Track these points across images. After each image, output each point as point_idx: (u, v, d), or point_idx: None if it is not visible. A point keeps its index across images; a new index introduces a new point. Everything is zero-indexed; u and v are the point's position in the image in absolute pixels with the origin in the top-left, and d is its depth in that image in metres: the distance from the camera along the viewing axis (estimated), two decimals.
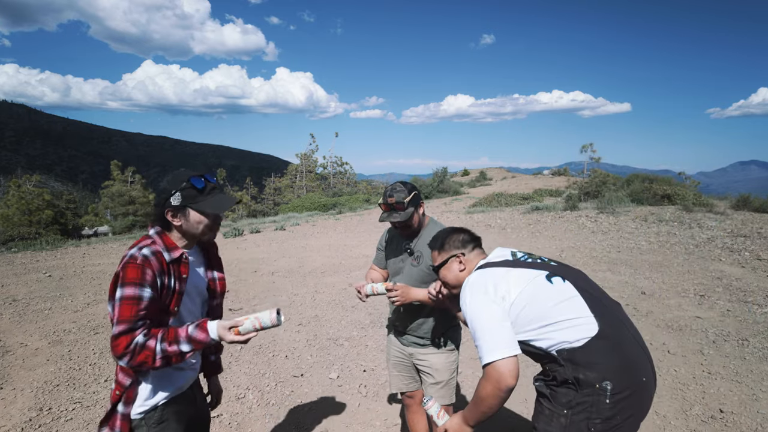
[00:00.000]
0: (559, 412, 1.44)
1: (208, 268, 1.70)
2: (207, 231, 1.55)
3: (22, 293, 6.10)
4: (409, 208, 2.05)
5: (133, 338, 1.35)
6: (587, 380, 1.39)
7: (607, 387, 1.36)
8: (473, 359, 3.94)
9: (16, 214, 23.54)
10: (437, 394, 2.18)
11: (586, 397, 1.39)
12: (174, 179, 1.51)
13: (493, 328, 1.45)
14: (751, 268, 6.30)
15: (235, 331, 1.44)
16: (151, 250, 1.43)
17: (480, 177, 33.24)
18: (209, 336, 1.42)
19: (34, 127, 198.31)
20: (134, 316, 1.36)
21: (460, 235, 1.80)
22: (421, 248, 2.13)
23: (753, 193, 10.91)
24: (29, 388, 3.52)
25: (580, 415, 1.40)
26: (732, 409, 3.04)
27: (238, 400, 3.36)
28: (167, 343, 1.39)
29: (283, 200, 34.20)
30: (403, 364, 2.30)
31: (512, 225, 10.84)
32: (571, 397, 1.42)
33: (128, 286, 1.37)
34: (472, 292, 1.55)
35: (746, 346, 3.98)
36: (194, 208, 1.50)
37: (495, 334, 1.43)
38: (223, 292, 1.74)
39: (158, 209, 1.50)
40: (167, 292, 1.45)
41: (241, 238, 11.21)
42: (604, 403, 1.37)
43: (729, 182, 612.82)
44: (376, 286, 2.06)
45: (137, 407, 1.48)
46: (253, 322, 1.45)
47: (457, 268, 1.74)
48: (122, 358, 1.36)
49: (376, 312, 5.24)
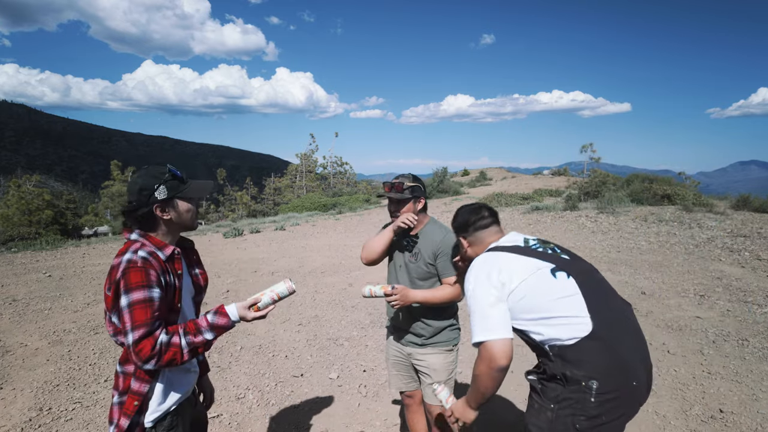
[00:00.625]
0: (547, 406, 1.46)
1: (189, 265, 1.69)
2: (194, 217, 1.55)
3: (22, 293, 6.10)
4: (407, 192, 2.11)
5: (156, 339, 1.34)
6: (574, 377, 1.40)
7: (593, 386, 1.37)
8: (473, 359, 3.94)
9: (16, 214, 23.53)
10: (432, 396, 2.18)
11: (572, 394, 1.40)
12: (151, 175, 1.47)
13: (488, 310, 1.48)
14: (751, 268, 6.30)
15: (255, 308, 1.47)
16: (147, 252, 1.41)
17: (480, 177, 33.24)
18: (231, 320, 1.44)
19: (34, 127, 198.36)
20: (151, 318, 1.34)
21: (466, 217, 1.82)
22: (421, 245, 2.16)
23: (753, 193, 10.91)
24: (29, 388, 3.52)
25: (566, 410, 1.41)
26: (732, 409, 3.04)
27: (238, 400, 3.36)
28: (192, 335, 1.39)
29: (283, 200, 34.21)
30: (402, 363, 2.31)
31: (512, 225, 10.84)
32: (559, 392, 1.43)
33: (136, 290, 1.34)
34: (475, 273, 1.58)
35: (746, 346, 3.98)
36: (180, 197, 1.48)
37: (490, 316, 1.47)
38: (206, 286, 1.74)
39: (144, 208, 1.45)
40: (170, 290, 1.45)
41: (241, 238, 11.21)
42: (590, 401, 1.37)
43: (729, 182, 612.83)
44: (374, 289, 2.07)
45: (150, 415, 1.45)
46: (271, 295, 1.48)
47: (463, 246, 1.82)
48: (149, 362, 1.33)
49: (376, 312, 5.24)
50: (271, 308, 1.50)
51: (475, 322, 1.50)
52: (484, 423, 3.03)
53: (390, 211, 2.19)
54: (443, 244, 2.12)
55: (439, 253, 2.12)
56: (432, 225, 2.21)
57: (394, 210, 2.16)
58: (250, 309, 1.47)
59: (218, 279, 6.91)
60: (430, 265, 2.14)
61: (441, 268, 2.13)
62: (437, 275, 2.16)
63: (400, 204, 2.13)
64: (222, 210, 36.75)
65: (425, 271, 2.14)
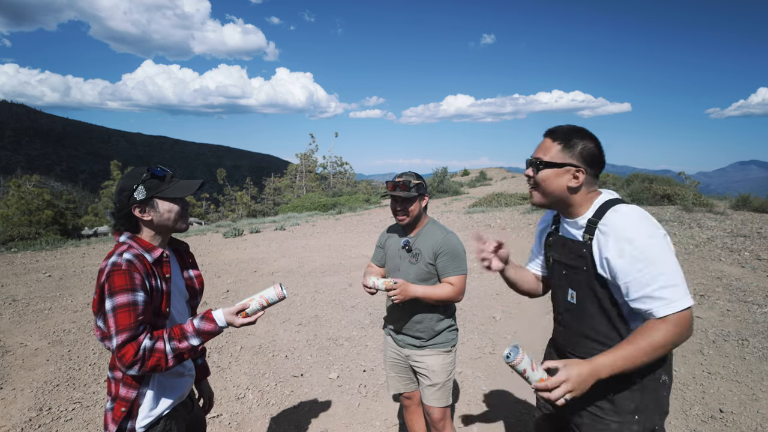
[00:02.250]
0: (630, 420, 1.32)
1: (183, 268, 1.66)
2: (178, 219, 1.50)
3: (22, 293, 6.09)
4: (413, 190, 2.08)
5: (140, 344, 1.31)
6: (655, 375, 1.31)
7: (666, 380, 1.33)
8: (473, 359, 3.94)
9: (16, 214, 23.51)
10: (433, 396, 2.17)
11: (653, 394, 1.32)
12: (131, 176, 1.45)
13: (680, 272, 1.23)
14: (751, 268, 6.30)
15: (243, 315, 1.44)
16: (133, 254, 1.38)
17: (480, 177, 33.26)
18: (217, 325, 1.41)
19: (33, 127, 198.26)
20: (134, 322, 1.31)
21: (593, 146, 1.40)
22: (420, 246, 2.14)
23: (753, 193, 10.90)
24: (29, 388, 3.52)
25: (651, 418, 1.32)
26: (732, 409, 3.04)
27: (238, 400, 3.36)
28: (176, 341, 1.36)
29: (283, 200, 34.19)
30: (400, 365, 2.30)
31: (512, 225, 10.84)
32: (638, 400, 1.32)
33: (119, 294, 1.31)
34: (649, 226, 1.27)
35: (746, 346, 3.98)
36: (160, 197, 1.45)
37: (683, 279, 1.23)
38: (201, 290, 1.72)
39: (123, 210, 1.44)
40: (157, 294, 1.42)
41: (241, 238, 11.20)
42: (665, 397, 1.33)
43: (729, 182, 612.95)
44: (377, 282, 2.05)
45: (141, 420, 1.43)
46: (260, 301, 1.44)
47: (566, 182, 1.40)
48: (132, 367, 1.31)
49: (376, 312, 5.24)
50: (260, 314, 1.47)
51: (672, 282, 1.21)
52: (484, 422, 3.03)
53: (394, 210, 2.15)
54: (444, 243, 2.10)
55: (440, 252, 2.10)
56: (432, 225, 2.20)
57: (400, 209, 2.12)
58: (238, 315, 1.43)
59: (218, 279, 6.91)
60: (431, 265, 2.12)
61: (441, 267, 2.11)
62: (437, 275, 2.14)
63: (406, 202, 2.10)
64: (222, 210, 36.73)
65: (425, 271, 2.12)
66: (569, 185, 1.39)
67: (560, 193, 1.42)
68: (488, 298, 5.68)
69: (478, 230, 5.92)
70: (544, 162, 1.42)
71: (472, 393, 3.42)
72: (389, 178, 2.20)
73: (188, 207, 1.54)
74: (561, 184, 1.41)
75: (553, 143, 1.42)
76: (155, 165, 1.50)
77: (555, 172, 1.41)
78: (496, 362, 3.89)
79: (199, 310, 1.71)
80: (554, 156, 1.41)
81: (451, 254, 2.10)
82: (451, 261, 2.09)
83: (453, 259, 2.10)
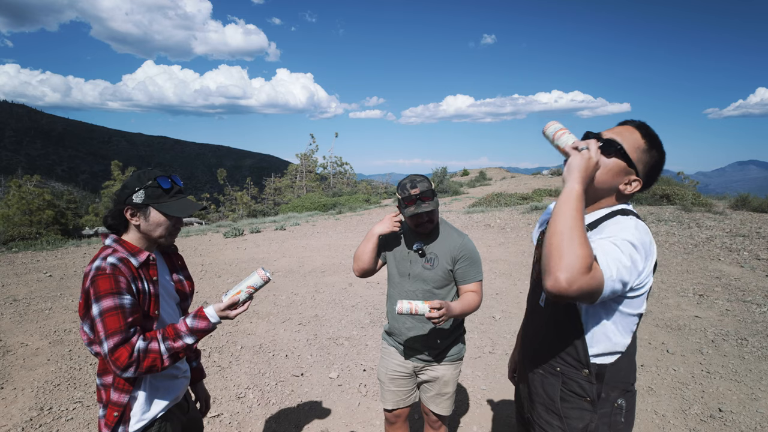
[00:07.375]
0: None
1: (173, 271, 1.63)
2: (164, 234, 1.46)
3: (23, 293, 6.11)
4: (435, 197, 1.90)
5: (133, 346, 1.29)
6: (608, 397, 1.28)
7: (623, 405, 1.30)
8: (473, 359, 3.95)
9: (17, 214, 23.52)
10: (442, 405, 2.10)
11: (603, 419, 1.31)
12: (139, 177, 1.43)
13: (626, 261, 1.05)
14: (750, 268, 6.31)
15: (234, 307, 1.44)
16: (117, 258, 1.35)
17: (479, 177, 33.24)
18: (210, 322, 1.40)
19: (34, 127, 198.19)
20: (124, 325, 1.29)
21: (661, 162, 1.20)
22: (436, 250, 1.97)
23: (751, 193, 10.91)
24: (30, 387, 3.53)
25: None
26: (731, 409, 3.05)
27: (239, 400, 3.37)
28: (171, 341, 1.35)
29: (283, 200, 34.21)
30: (403, 378, 2.15)
31: (511, 225, 10.85)
32: (588, 418, 1.29)
33: (105, 298, 1.29)
34: (638, 230, 1.11)
35: (745, 346, 3.99)
36: (157, 208, 1.42)
37: (621, 261, 1.05)
38: (192, 292, 1.70)
39: (117, 206, 1.42)
40: (144, 297, 1.40)
41: (242, 238, 11.21)
42: (620, 422, 1.29)
43: (727, 182, 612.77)
44: (417, 305, 1.72)
45: (134, 424, 1.41)
46: (248, 291, 1.45)
47: (619, 183, 1.19)
48: (128, 369, 1.29)
49: (376, 312, 5.25)
50: (249, 302, 1.47)
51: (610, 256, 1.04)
52: (484, 421, 3.04)
53: (417, 224, 1.92)
54: (463, 248, 1.95)
55: (459, 257, 1.94)
56: (444, 226, 2.03)
57: (428, 221, 1.91)
58: (230, 308, 1.43)
59: (218, 279, 6.92)
60: (449, 272, 1.96)
61: (461, 274, 1.96)
62: (454, 282, 2.00)
63: (432, 214, 1.90)
64: (222, 210, 36.75)
65: (443, 278, 1.96)
66: (619, 188, 1.19)
67: (603, 190, 1.19)
68: (488, 297, 5.69)
69: None
70: (623, 150, 1.16)
71: (472, 393, 3.42)
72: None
73: (180, 225, 1.51)
74: (614, 183, 1.18)
75: (640, 139, 1.18)
76: (166, 175, 1.47)
77: (619, 168, 1.17)
78: (496, 362, 3.90)
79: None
80: (633, 151, 1.17)
81: (470, 260, 1.96)
82: (470, 267, 1.97)
83: (472, 264, 1.97)
